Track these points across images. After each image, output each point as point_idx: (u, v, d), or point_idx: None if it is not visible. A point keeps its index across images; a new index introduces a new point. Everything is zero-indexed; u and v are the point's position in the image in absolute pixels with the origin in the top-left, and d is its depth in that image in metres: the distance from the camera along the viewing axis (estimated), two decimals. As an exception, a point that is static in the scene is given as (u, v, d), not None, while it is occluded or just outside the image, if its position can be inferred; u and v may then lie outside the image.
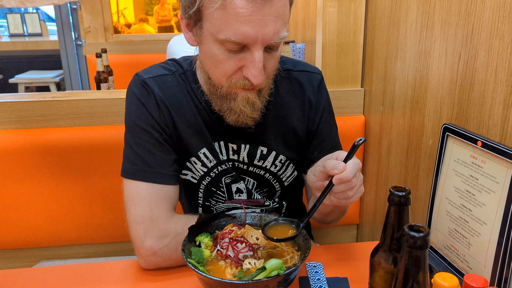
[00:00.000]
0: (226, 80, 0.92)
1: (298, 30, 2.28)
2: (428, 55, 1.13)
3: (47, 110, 1.45)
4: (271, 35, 0.85)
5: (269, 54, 0.91)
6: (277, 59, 0.96)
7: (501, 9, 0.85)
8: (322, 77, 1.13)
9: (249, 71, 0.88)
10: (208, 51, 0.91)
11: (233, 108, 0.96)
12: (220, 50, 0.88)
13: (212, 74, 0.95)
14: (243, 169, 1.10)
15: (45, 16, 7.54)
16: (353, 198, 0.87)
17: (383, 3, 1.41)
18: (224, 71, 0.91)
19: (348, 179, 0.82)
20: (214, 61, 0.91)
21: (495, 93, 0.88)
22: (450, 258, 0.92)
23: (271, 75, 0.98)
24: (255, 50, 0.86)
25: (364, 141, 0.86)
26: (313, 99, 1.10)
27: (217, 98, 0.98)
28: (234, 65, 0.89)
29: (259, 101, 0.97)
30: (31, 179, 1.45)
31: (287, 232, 0.91)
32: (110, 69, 2.74)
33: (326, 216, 1.12)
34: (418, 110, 1.20)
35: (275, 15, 0.84)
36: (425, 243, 0.55)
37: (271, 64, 0.94)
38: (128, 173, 0.99)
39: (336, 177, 0.83)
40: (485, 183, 0.83)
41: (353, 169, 0.83)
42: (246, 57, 0.88)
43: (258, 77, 0.88)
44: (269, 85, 1.00)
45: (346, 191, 0.85)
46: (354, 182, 0.84)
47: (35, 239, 1.51)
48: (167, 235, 0.96)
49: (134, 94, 1.02)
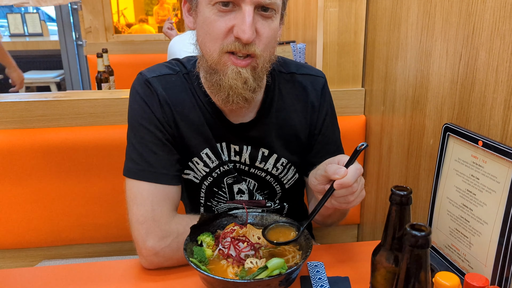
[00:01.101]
0: (218, 46, 0.91)
1: (299, 30, 2.29)
2: (429, 55, 1.14)
3: (49, 110, 1.45)
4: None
5: (262, 19, 0.90)
6: (273, 31, 0.93)
7: (502, 9, 0.85)
8: (326, 81, 1.13)
9: (239, 28, 0.88)
10: (202, 19, 0.92)
11: (223, 84, 0.93)
12: (212, 12, 0.89)
13: (205, 44, 0.94)
14: (245, 170, 1.10)
15: (46, 16, 7.54)
16: (354, 203, 0.88)
17: (384, 3, 1.41)
18: (216, 33, 0.90)
19: (349, 185, 0.83)
20: (206, 26, 0.91)
21: (496, 93, 0.88)
22: (451, 257, 0.93)
23: (267, 49, 0.94)
24: (244, 6, 0.87)
25: (366, 146, 0.87)
26: (316, 102, 1.10)
27: (208, 75, 0.97)
28: (225, 25, 0.89)
29: (252, 78, 0.93)
30: (32, 179, 1.45)
31: (287, 235, 0.91)
32: (111, 69, 2.74)
33: (326, 219, 1.12)
34: (419, 110, 1.20)
35: None
36: (426, 242, 0.56)
37: (265, 32, 0.91)
38: (130, 173, 1.00)
39: (337, 182, 0.83)
40: (486, 183, 0.83)
41: (354, 174, 0.83)
42: (237, 15, 0.88)
43: (247, 31, 0.87)
44: (264, 61, 0.95)
45: (347, 195, 0.86)
46: (355, 187, 0.85)
47: (37, 238, 1.51)
48: (169, 235, 0.97)
49: (138, 93, 1.02)
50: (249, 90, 0.94)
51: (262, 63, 0.94)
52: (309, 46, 2.01)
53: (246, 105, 0.97)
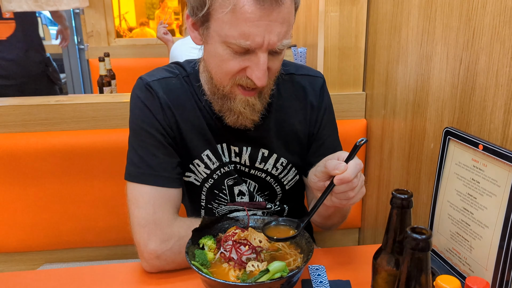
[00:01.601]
0: (229, 79, 0.94)
1: (300, 34, 2.29)
2: (429, 59, 1.14)
3: (52, 113, 1.46)
4: (276, 39, 0.87)
5: (273, 56, 0.93)
6: (280, 61, 0.98)
7: (502, 14, 0.86)
8: (324, 81, 1.15)
9: (253, 73, 0.90)
10: (213, 51, 0.93)
11: (233, 109, 0.98)
12: (226, 51, 0.90)
13: (215, 73, 0.96)
14: (245, 171, 1.11)
15: (48, 20, 7.57)
16: (355, 199, 0.88)
17: (384, 8, 1.42)
18: (227, 70, 0.92)
19: (349, 180, 0.83)
20: (218, 60, 0.93)
21: (496, 97, 0.89)
22: (452, 261, 0.93)
23: (273, 77, 1.00)
24: (260, 53, 0.88)
25: (366, 141, 0.87)
26: (315, 102, 1.11)
27: (218, 98, 1.00)
28: (238, 65, 0.91)
29: (259, 103, 0.98)
30: (34, 182, 1.46)
31: (287, 233, 0.91)
32: (112, 73, 2.75)
33: (327, 220, 1.12)
34: (419, 114, 1.21)
35: (281, 21, 0.87)
36: (427, 245, 0.56)
37: (274, 67, 0.95)
38: (132, 176, 1.00)
39: (337, 177, 0.83)
40: (486, 186, 0.83)
41: (354, 169, 0.83)
42: (251, 58, 0.90)
43: (262, 79, 0.90)
44: (270, 86, 1.01)
45: (347, 191, 0.86)
46: (355, 183, 0.85)
47: (39, 242, 1.52)
48: (170, 238, 0.97)
49: (138, 97, 1.03)
50: (257, 113, 0.99)
51: (268, 88, 1.00)
52: (310, 50, 2.01)
53: (253, 123, 1.02)
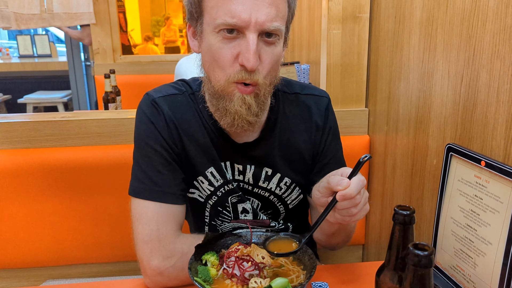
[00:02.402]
0: (224, 75, 0.93)
1: (303, 51, 2.32)
2: (431, 76, 1.15)
3: (57, 129, 1.47)
4: (264, 18, 0.88)
5: (266, 46, 0.92)
6: (275, 56, 0.95)
7: (501, 32, 0.87)
8: (330, 101, 1.14)
9: (243, 56, 0.89)
10: (207, 45, 0.94)
11: (229, 109, 0.95)
12: (217, 39, 0.91)
13: (211, 70, 0.96)
14: (248, 189, 1.11)
15: (55, 37, 7.68)
16: (358, 216, 0.87)
17: (386, 26, 1.44)
18: (221, 61, 0.92)
19: (352, 196, 0.82)
20: (212, 53, 0.93)
21: (498, 113, 0.89)
22: (456, 278, 0.92)
23: (269, 75, 0.96)
24: (249, 34, 0.88)
25: (370, 158, 0.87)
26: (320, 122, 1.11)
27: (214, 100, 0.98)
28: (230, 53, 0.91)
29: (255, 104, 0.96)
30: (39, 198, 1.46)
31: (289, 247, 0.91)
32: (118, 90, 2.78)
33: (331, 238, 1.11)
34: (422, 130, 1.21)
35: (269, 2, 0.88)
36: (429, 261, 0.56)
37: (268, 58, 0.93)
38: (136, 192, 1.01)
39: (340, 193, 0.83)
40: (489, 203, 0.83)
41: (357, 186, 0.83)
42: (241, 43, 0.90)
43: (251, 60, 0.88)
44: (266, 87, 0.97)
45: (350, 208, 0.85)
46: (358, 199, 0.84)
47: (41, 258, 1.52)
48: (173, 254, 0.97)
49: (144, 113, 1.04)
50: (253, 115, 0.96)
51: (264, 89, 0.97)
52: (313, 67, 2.03)
53: (250, 128, 0.99)
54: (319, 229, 1.00)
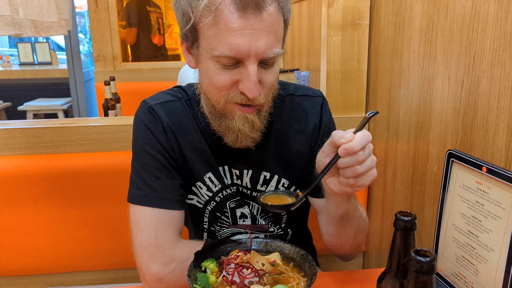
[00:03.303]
0: (223, 96, 0.93)
1: (303, 58, 2.32)
2: (431, 83, 1.15)
3: (56, 136, 1.47)
4: (263, 48, 0.87)
5: (265, 69, 0.92)
6: (275, 75, 0.95)
7: (502, 38, 0.87)
8: (324, 99, 1.13)
9: (244, 85, 0.89)
10: (205, 69, 0.93)
11: (231, 128, 0.95)
12: (215, 66, 0.90)
13: (210, 92, 0.96)
14: (247, 194, 1.10)
15: (55, 45, 7.71)
16: (364, 179, 0.81)
17: (386, 32, 1.44)
18: (220, 86, 0.91)
19: (354, 150, 0.77)
20: (210, 78, 0.92)
21: (498, 119, 0.89)
22: (458, 285, 0.91)
23: (270, 93, 0.97)
24: (249, 64, 0.87)
25: (377, 113, 0.82)
26: (315, 122, 1.10)
27: (216, 118, 0.98)
28: (229, 80, 0.90)
29: (259, 120, 0.96)
30: (38, 205, 1.46)
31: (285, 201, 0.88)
32: (117, 97, 2.78)
33: (341, 229, 1.02)
34: (422, 137, 1.21)
35: (267, 30, 0.87)
36: (431, 268, 0.55)
37: (268, 80, 0.93)
38: (134, 199, 1.00)
39: (343, 147, 0.78)
40: (491, 209, 0.83)
41: (361, 140, 0.78)
42: (241, 71, 0.89)
43: (253, 91, 0.88)
44: (268, 103, 0.99)
45: (353, 166, 0.79)
46: (361, 156, 0.78)
47: (40, 265, 1.51)
48: (172, 261, 0.96)
49: (141, 120, 1.04)
50: (256, 131, 0.97)
51: (266, 105, 0.97)
52: (313, 74, 2.04)
53: (253, 143, 1.00)
54: (328, 215, 0.98)
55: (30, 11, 1.47)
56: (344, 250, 1.10)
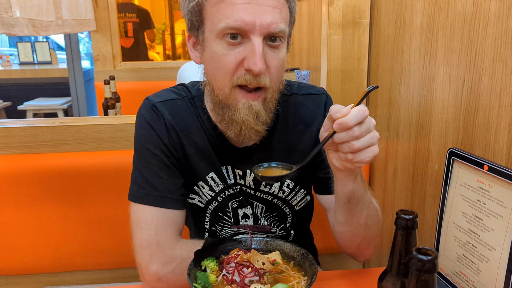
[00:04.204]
0: (229, 81, 0.91)
1: (303, 57, 2.32)
2: (432, 81, 1.15)
3: (55, 135, 1.47)
4: (268, 21, 0.87)
5: (271, 50, 0.91)
6: (281, 61, 0.94)
7: (504, 35, 0.87)
8: (327, 97, 1.12)
9: (250, 60, 0.88)
10: (210, 54, 0.93)
11: (235, 119, 0.93)
12: (221, 46, 0.90)
13: (215, 79, 0.94)
14: (250, 194, 1.10)
15: (55, 45, 7.70)
16: (362, 155, 0.79)
17: (386, 31, 1.43)
18: (226, 67, 0.90)
19: (348, 125, 0.75)
20: (216, 60, 0.92)
21: (500, 117, 0.89)
22: (459, 284, 0.91)
23: (276, 79, 0.94)
24: (254, 37, 0.87)
25: (376, 88, 0.80)
26: (320, 121, 1.08)
27: (220, 110, 0.96)
28: (235, 59, 0.89)
29: (263, 111, 0.94)
30: (38, 204, 1.45)
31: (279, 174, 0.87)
32: (117, 96, 2.78)
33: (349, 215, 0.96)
34: (423, 135, 1.21)
35: (272, 6, 0.88)
36: (433, 266, 0.55)
37: (274, 63, 0.92)
38: (135, 197, 1.00)
39: (337, 121, 0.76)
40: (492, 208, 0.82)
41: (357, 115, 0.76)
42: (246, 48, 0.89)
43: (258, 63, 0.87)
44: (274, 93, 0.96)
45: (349, 141, 0.77)
46: (356, 131, 0.76)
47: (40, 264, 1.50)
48: (172, 260, 0.96)
49: (144, 118, 1.03)
50: (261, 123, 0.94)
51: (271, 94, 0.95)
52: (313, 73, 2.03)
53: (258, 137, 0.97)
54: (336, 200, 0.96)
55: (29, 10, 1.47)
56: (356, 242, 1.03)
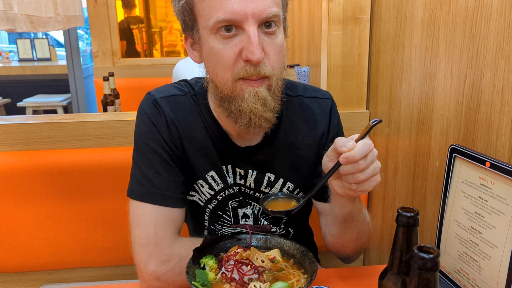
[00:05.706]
0: (230, 75, 0.89)
1: (303, 53, 2.31)
2: (433, 77, 1.14)
3: (54, 132, 1.46)
4: (260, 7, 0.85)
5: (267, 37, 0.89)
6: (279, 46, 0.92)
7: (506, 30, 0.86)
8: (333, 102, 1.11)
9: (247, 50, 0.86)
10: (208, 51, 0.92)
11: (243, 110, 0.91)
12: (216, 41, 0.89)
13: (216, 75, 0.93)
14: (250, 194, 1.09)
15: (55, 41, 7.68)
16: (365, 185, 0.82)
17: (387, 26, 1.42)
18: (225, 63, 0.89)
19: (355, 159, 0.77)
20: (214, 57, 0.90)
21: (502, 114, 0.88)
22: (461, 282, 0.90)
23: (277, 65, 0.92)
24: (248, 27, 0.86)
25: (380, 121, 0.82)
26: (324, 125, 1.08)
27: (226, 103, 0.94)
28: (232, 52, 0.88)
29: (270, 98, 0.92)
30: (36, 201, 1.44)
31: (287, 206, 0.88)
32: (117, 92, 2.77)
33: (344, 230, 1.01)
34: (424, 132, 1.20)
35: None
36: (435, 264, 0.54)
37: (272, 49, 0.90)
38: (134, 194, 0.99)
39: (343, 155, 0.78)
40: (494, 205, 0.81)
41: (362, 149, 0.78)
42: (242, 39, 0.87)
43: (256, 52, 0.85)
44: (278, 79, 0.93)
45: (354, 173, 0.80)
46: (362, 164, 0.79)
47: (39, 262, 1.50)
48: (171, 259, 0.95)
49: (145, 113, 1.02)
50: (270, 110, 0.92)
51: (275, 81, 0.93)
52: (314, 69, 2.02)
53: (268, 125, 0.95)
54: (332, 216, 0.96)
55: (26, 6, 1.45)
56: (346, 252, 1.09)
